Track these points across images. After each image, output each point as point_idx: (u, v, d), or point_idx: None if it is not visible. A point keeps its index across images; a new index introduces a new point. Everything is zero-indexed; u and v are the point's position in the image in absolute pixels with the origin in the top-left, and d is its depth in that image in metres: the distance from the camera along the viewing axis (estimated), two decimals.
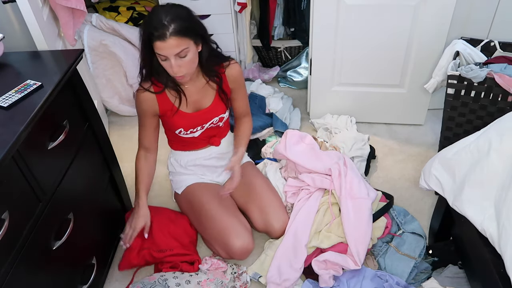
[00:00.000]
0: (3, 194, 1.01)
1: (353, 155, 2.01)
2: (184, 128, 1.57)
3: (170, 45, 1.29)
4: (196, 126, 1.59)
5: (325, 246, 1.60)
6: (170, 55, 1.32)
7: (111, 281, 1.64)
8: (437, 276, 1.53)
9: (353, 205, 1.58)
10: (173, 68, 1.35)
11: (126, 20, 2.51)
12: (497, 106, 1.74)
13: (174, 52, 1.31)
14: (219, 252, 1.63)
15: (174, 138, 1.66)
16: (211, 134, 1.67)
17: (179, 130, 1.58)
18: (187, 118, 1.56)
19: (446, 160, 1.38)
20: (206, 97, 1.56)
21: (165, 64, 1.37)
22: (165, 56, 1.33)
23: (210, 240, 1.66)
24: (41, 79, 1.23)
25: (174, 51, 1.31)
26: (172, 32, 1.28)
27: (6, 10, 1.57)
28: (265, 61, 2.89)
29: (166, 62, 1.36)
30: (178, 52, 1.32)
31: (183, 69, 1.37)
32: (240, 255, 1.58)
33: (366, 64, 2.17)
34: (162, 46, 1.30)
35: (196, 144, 1.68)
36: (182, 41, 1.31)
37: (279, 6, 2.58)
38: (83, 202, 1.45)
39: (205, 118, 1.59)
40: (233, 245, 1.55)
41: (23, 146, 1.07)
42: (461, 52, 1.86)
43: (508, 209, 1.11)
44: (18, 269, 1.05)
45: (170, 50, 1.31)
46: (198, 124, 1.59)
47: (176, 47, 1.30)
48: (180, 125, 1.57)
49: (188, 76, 1.43)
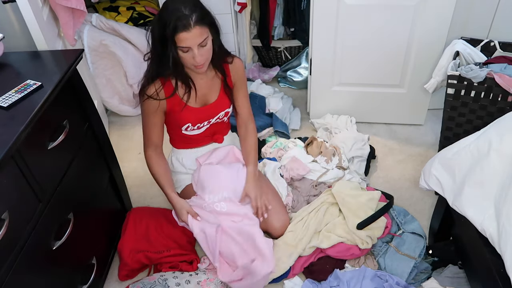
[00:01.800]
0: (3, 194, 1.01)
1: (353, 155, 2.01)
2: (192, 123, 1.57)
3: (194, 35, 1.30)
4: (203, 121, 1.59)
5: (325, 246, 1.60)
6: (194, 45, 1.32)
7: (111, 281, 1.64)
8: (437, 276, 1.53)
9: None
10: (197, 58, 1.35)
11: (126, 20, 2.52)
12: (497, 106, 1.74)
13: (198, 42, 1.32)
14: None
15: (177, 136, 1.66)
16: (215, 131, 1.67)
17: (187, 126, 1.58)
18: (194, 113, 1.56)
19: (446, 160, 1.38)
20: (213, 91, 1.57)
21: (186, 56, 1.36)
22: (188, 47, 1.33)
23: None
24: (41, 79, 1.23)
25: (198, 40, 1.32)
26: (195, 21, 1.29)
27: (6, 10, 1.57)
28: (265, 61, 2.89)
29: (188, 53, 1.35)
30: (201, 42, 1.33)
31: (204, 58, 1.38)
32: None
33: (366, 64, 2.17)
34: (187, 37, 1.30)
35: (199, 142, 1.68)
36: (204, 30, 1.32)
37: (279, 6, 2.58)
38: (83, 202, 1.45)
39: (212, 113, 1.59)
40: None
41: (23, 146, 1.07)
42: (461, 52, 1.86)
43: (508, 209, 1.11)
44: (18, 269, 1.05)
45: (195, 40, 1.31)
46: (205, 118, 1.59)
47: (199, 36, 1.31)
48: (188, 120, 1.56)
49: (207, 64, 1.43)
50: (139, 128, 2.44)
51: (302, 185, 1.87)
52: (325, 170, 1.91)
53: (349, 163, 1.99)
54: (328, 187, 1.82)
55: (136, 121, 2.53)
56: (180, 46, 1.33)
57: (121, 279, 1.62)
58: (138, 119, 2.54)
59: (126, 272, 1.61)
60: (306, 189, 1.85)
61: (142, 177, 2.11)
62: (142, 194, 2.01)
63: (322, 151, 2.01)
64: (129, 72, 2.36)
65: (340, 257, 1.60)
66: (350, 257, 1.60)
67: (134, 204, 1.92)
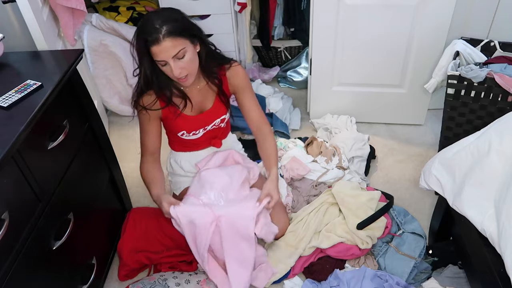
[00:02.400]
0: (3, 194, 1.01)
1: (353, 155, 2.01)
2: (186, 130, 1.57)
3: (165, 48, 1.28)
4: (198, 129, 1.58)
5: (325, 246, 1.60)
6: (168, 58, 1.30)
7: (111, 281, 1.64)
8: (437, 276, 1.53)
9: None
10: (174, 71, 1.33)
11: (126, 20, 2.51)
12: (497, 106, 1.74)
13: (171, 54, 1.30)
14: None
15: (175, 139, 1.66)
16: (213, 135, 1.67)
17: (182, 133, 1.58)
18: (189, 121, 1.55)
19: (446, 160, 1.38)
20: (207, 100, 1.56)
21: (166, 70, 1.36)
22: (164, 61, 1.32)
23: None
24: (41, 79, 1.23)
25: (171, 53, 1.29)
26: (165, 33, 1.26)
27: (6, 10, 1.57)
28: (265, 61, 2.89)
29: (166, 67, 1.34)
30: (175, 54, 1.30)
31: (185, 70, 1.35)
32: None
33: (366, 64, 2.17)
34: (158, 50, 1.28)
35: (197, 145, 1.68)
36: (177, 42, 1.29)
37: (279, 6, 2.58)
38: (83, 202, 1.45)
39: (207, 120, 1.58)
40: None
41: (23, 146, 1.07)
42: (461, 52, 1.86)
43: (508, 209, 1.11)
44: (18, 269, 1.05)
45: (167, 53, 1.29)
46: (201, 126, 1.58)
47: (172, 48, 1.29)
48: (182, 128, 1.56)
49: (191, 77, 1.41)
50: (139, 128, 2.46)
51: (302, 185, 1.87)
52: (325, 170, 1.92)
53: (349, 163, 1.99)
54: (328, 187, 1.82)
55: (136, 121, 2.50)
56: (156, 59, 1.32)
57: (121, 279, 1.62)
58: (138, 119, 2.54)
59: (126, 272, 1.61)
60: (306, 189, 1.85)
61: None
62: (142, 194, 2.01)
63: (322, 151, 2.01)
64: (129, 72, 2.36)
65: (340, 257, 1.60)
66: (350, 257, 1.60)
67: (134, 204, 1.92)
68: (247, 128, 2.05)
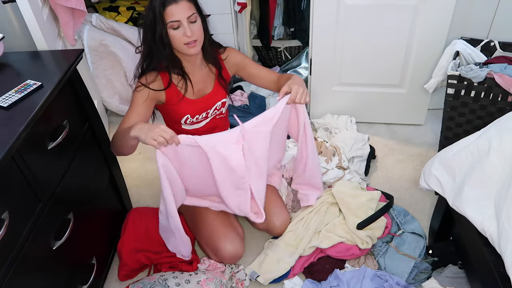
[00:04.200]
0: (3, 194, 1.01)
1: (353, 155, 2.01)
2: (190, 114, 1.56)
3: (183, 7, 1.33)
4: (201, 112, 1.58)
5: (325, 246, 1.60)
6: (184, 18, 1.34)
7: (111, 281, 1.64)
8: (437, 276, 1.53)
9: None
10: (187, 32, 1.36)
11: (126, 20, 2.51)
12: (497, 106, 1.74)
13: (187, 14, 1.34)
14: (210, 255, 1.63)
15: (177, 132, 1.64)
16: (214, 126, 1.67)
17: (186, 117, 1.56)
18: (193, 104, 1.56)
19: (446, 160, 1.38)
20: (208, 83, 1.58)
21: (176, 34, 1.37)
22: (178, 22, 1.34)
23: (201, 243, 1.67)
24: (41, 79, 1.23)
25: (187, 13, 1.34)
26: None
27: (6, 10, 1.57)
28: (265, 61, 2.89)
29: (178, 30, 1.36)
30: (190, 15, 1.35)
31: (195, 34, 1.39)
32: (229, 259, 1.59)
33: (366, 64, 2.17)
34: (175, 9, 1.33)
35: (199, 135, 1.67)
36: (191, 5, 1.36)
37: (279, 6, 2.58)
38: (83, 202, 1.45)
39: (209, 103, 1.59)
40: (223, 250, 1.56)
41: (23, 146, 1.07)
42: (461, 52, 1.86)
43: (508, 209, 1.11)
44: (18, 269, 1.05)
45: (184, 13, 1.34)
46: (203, 109, 1.58)
47: (188, 9, 1.34)
48: (186, 112, 1.55)
49: (199, 45, 1.42)
50: None
51: None
52: (325, 170, 1.91)
53: (349, 163, 1.99)
54: (328, 187, 1.82)
55: None
56: (170, 20, 1.34)
57: (121, 279, 1.62)
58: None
59: (126, 272, 1.61)
60: None
61: (142, 177, 2.12)
62: (142, 194, 2.01)
63: (322, 151, 2.01)
64: (129, 72, 2.36)
65: (340, 257, 1.60)
66: (350, 257, 1.60)
67: (134, 204, 1.92)
68: None
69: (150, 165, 2.18)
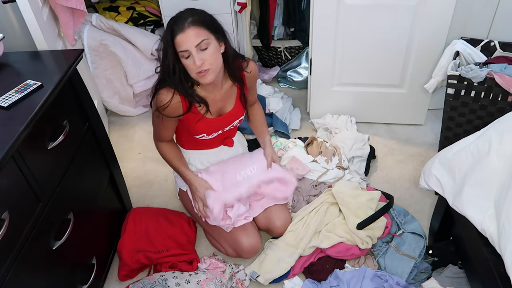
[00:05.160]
0: (3, 194, 1.01)
1: (353, 155, 2.01)
2: (207, 133, 1.56)
3: (189, 36, 1.29)
4: (218, 130, 1.58)
5: (325, 246, 1.60)
6: (191, 47, 1.30)
7: (111, 281, 1.64)
8: (437, 276, 1.53)
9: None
10: (196, 61, 1.31)
11: (126, 20, 2.51)
12: (497, 106, 1.74)
13: (194, 43, 1.30)
14: (227, 250, 1.63)
15: (188, 139, 1.64)
16: (226, 135, 1.67)
17: (202, 135, 1.56)
18: (211, 124, 1.54)
19: (446, 160, 1.38)
20: (229, 101, 1.56)
21: (188, 63, 1.34)
22: (187, 51, 1.31)
23: (218, 238, 1.66)
24: (41, 79, 1.23)
25: (194, 41, 1.30)
26: (190, 22, 1.29)
27: (6, 10, 1.57)
28: (265, 61, 2.89)
29: (188, 59, 1.33)
30: (198, 43, 1.30)
31: (206, 63, 1.33)
32: (249, 253, 1.60)
33: (366, 64, 2.17)
34: (182, 39, 1.29)
35: (209, 145, 1.67)
36: (200, 31, 1.30)
37: (279, 6, 2.58)
38: (83, 202, 1.45)
39: (227, 122, 1.58)
40: (243, 243, 1.57)
41: (23, 146, 1.07)
42: (461, 52, 1.86)
43: (508, 209, 1.11)
44: (18, 269, 1.05)
45: (191, 41, 1.29)
46: (220, 128, 1.58)
47: (195, 36, 1.29)
48: (203, 131, 1.54)
49: (212, 74, 1.36)
50: (139, 128, 2.46)
51: (302, 185, 1.87)
52: (325, 170, 1.92)
53: (349, 163, 1.99)
54: (328, 187, 1.82)
55: (136, 121, 2.52)
56: (179, 50, 1.31)
57: (121, 279, 1.62)
58: (138, 119, 2.54)
59: (126, 272, 1.61)
60: (306, 189, 1.85)
61: (142, 177, 2.12)
62: (142, 194, 2.01)
63: (322, 151, 2.01)
64: (129, 72, 2.36)
65: (340, 257, 1.60)
66: (350, 257, 1.60)
67: (134, 204, 1.92)
68: (248, 128, 2.05)
69: (150, 165, 2.18)
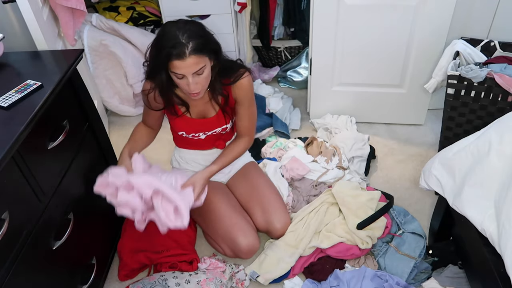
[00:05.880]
0: (3, 194, 1.01)
1: (353, 155, 2.01)
2: (186, 132, 1.57)
3: (189, 64, 1.27)
4: (198, 132, 1.58)
5: (325, 246, 1.60)
6: (189, 73, 1.29)
7: (111, 281, 1.64)
8: (437, 276, 1.53)
9: None
10: (191, 86, 1.32)
11: (126, 20, 2.52)
12: (497, 106, 1.74)
13: (192, 71, 1.29)
14: (225, 250, 1.63)
15: (178, 136, 1.66)
16: (216, 138, 1.66)
17: (182, 133, 1.58)
18: (190, 124, 1.55)
19: (446, 160, 1.38)
20: (210, 109, 1.55)
21: (180, 82, 1.34)
22: (182, 75, 1.30)
23: (216, 238, 1.65)
24: (41, 79, 1.23)
25: (193, 69, 1.28)
26: (191, 50, 1.25)
27: (6, 10, 1.57)
28: (265, 61, 2.89)
29: (182, 80, 1.33)
30: (196, 71, 1.29)
31: (199, 86, 1.35)
32: (247, 253, 1.59)
33: (366, 64, 2.17)
34: (181, 65, 1.27)
35: (201, 146, 1.67)
36: (200, 59, 1.28)
37: (279, 6, 2.58)
38: (83, 202, 1.45)
39: (207, 127, 1.58)
40: (240, 244, 1.56)
41: (23, 146, 1.07)
42: (461, 52, 1.86)
43: (508, 209, 1.11)
44: (18, 269, 1.05)
45: (189, 69, 1.28)
46: (201, 130, 1.58)
47: (195, 65, 1.28)
48: (182, 129, 1.56)
49: (202, 92, 1.39)
50: None
51: (302, 185, 1.87)
52: (325, 170, 1.92)
53: (349, 163, 1.99)
54: (328, 187, 1.82)
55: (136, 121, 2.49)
56: (174, 72, 1.31)
57: (121, 279, 1.62)
58: (138, 119, 2.53)
59: (126, 272, 1.61)
60: (306, 189, 1.85)
61: None
62: None
63: (322, 151, 2.01)
64: (129, 72, 2.36)
65: (340, 257, 1.60)
66: (350, 257, 1.60)
67: None
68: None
69: None
